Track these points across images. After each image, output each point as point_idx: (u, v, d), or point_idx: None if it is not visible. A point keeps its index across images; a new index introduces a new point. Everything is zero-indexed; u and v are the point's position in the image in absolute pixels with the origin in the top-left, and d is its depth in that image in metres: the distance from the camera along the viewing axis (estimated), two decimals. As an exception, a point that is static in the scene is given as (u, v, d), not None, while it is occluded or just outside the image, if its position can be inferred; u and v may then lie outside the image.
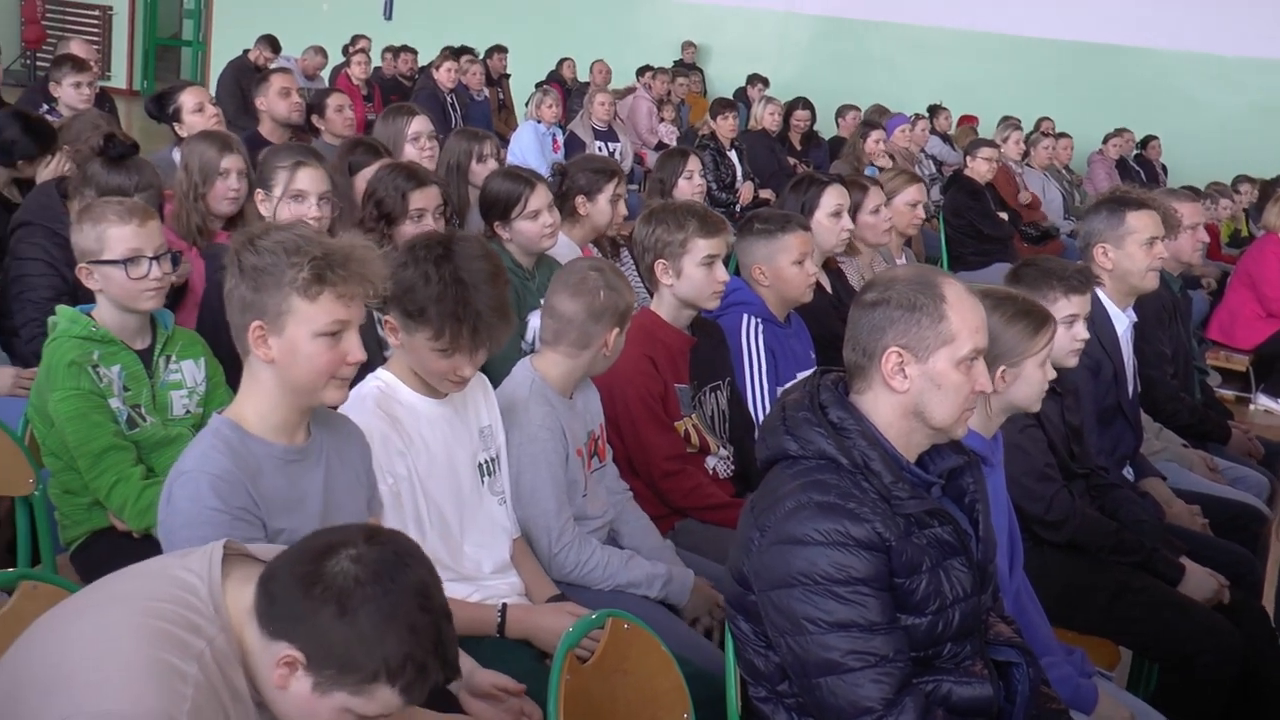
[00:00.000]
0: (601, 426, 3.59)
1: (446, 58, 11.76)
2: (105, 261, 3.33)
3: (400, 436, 2.95)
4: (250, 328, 2.47)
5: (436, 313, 2.86)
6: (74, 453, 3.28)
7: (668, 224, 3.96)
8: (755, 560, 2.51)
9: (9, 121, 5.16)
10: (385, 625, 1.84)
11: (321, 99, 7.10)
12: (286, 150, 4.32)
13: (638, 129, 12.28)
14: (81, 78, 6.73)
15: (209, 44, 19.89)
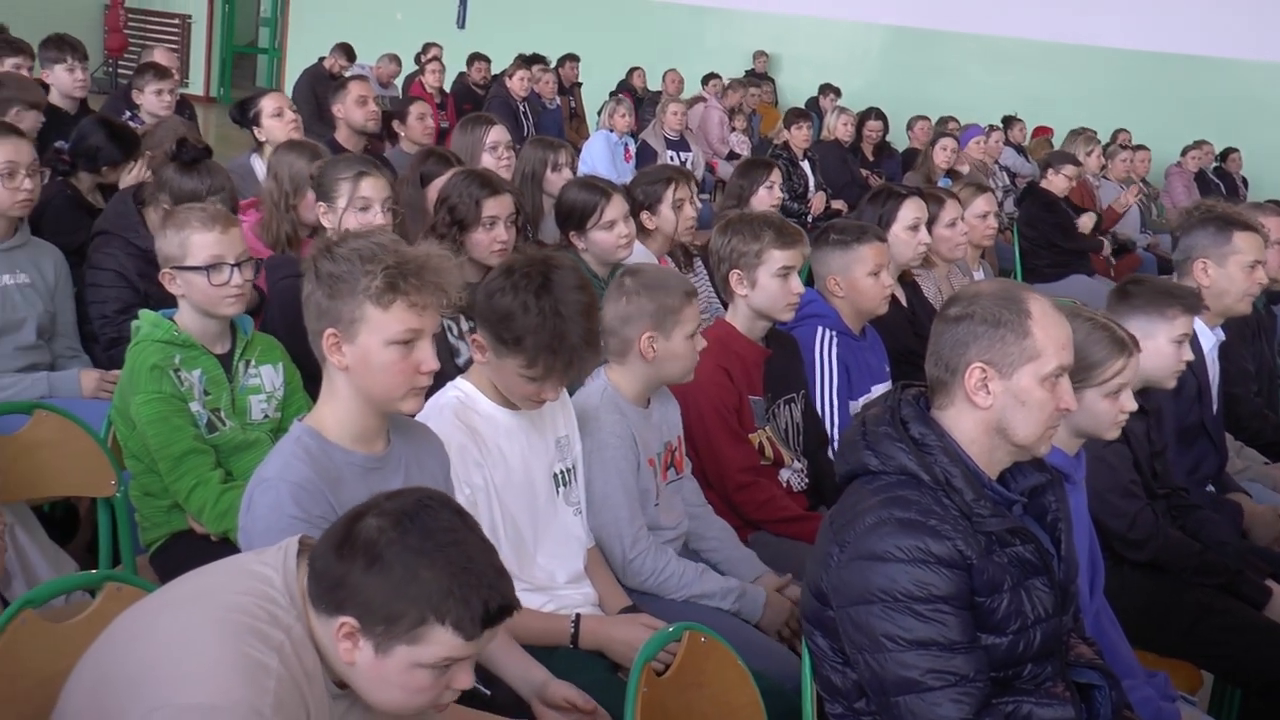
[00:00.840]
0: (679, 439, 3.57)
1: (519, 66, 11.81)
2: (188, 267, 3.37)
3: (478, 447, 2.96)
4: (325, 335, 2.49)
5: (533, 344, 2.86)
6: (155, 456, 3.32)
7: (744, 234, 3.94)
8: (834, 576, 2.49)
9: (94, 128, 5.25)
10: (415, 565, 1.87)
11: (404, 106, 7.15)
12: (344, 162, 4.35)
13: (709, 138, 12.27)
14: (163, 85, 6.83)
15: (284, 51, 20.14)
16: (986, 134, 10.93)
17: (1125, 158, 11.16)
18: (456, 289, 2.53)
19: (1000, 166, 11.51)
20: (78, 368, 4.20)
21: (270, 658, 1.91)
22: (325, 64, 12.97)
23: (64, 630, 2.37)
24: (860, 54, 16.74)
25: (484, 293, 2.96)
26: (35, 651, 2.31)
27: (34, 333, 4.10)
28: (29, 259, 4.15)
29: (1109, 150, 11.33)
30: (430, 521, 1.92)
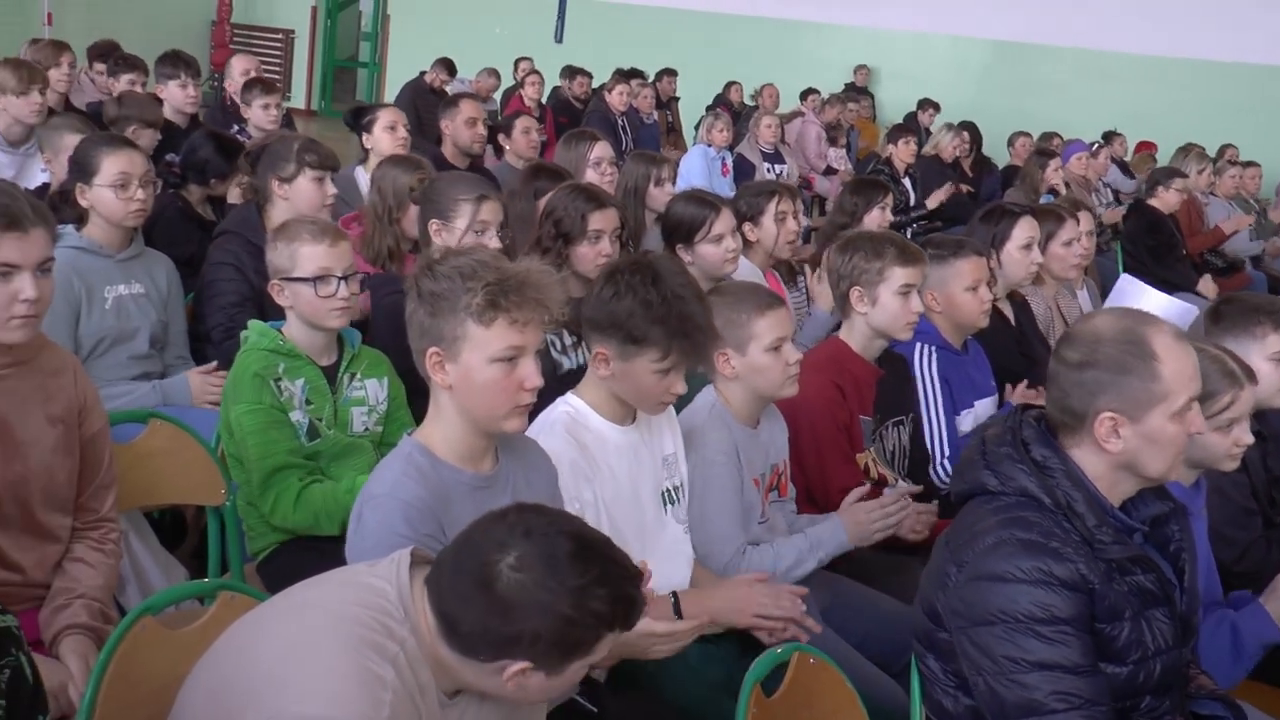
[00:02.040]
0: (785, 462, 3.55)
1: (618, 81, 11.86)
2: (296, 279, 3.41)
3: (588, 463, 2.95)
4: (428, 353, 2.49)
5: (662, 334, 2.86)
6: (250, 465, 3.36)
7: (865, 251, 3.90)
8: (951, 596, 2.45)
9: (203, 141, 5.36)
10: (583, 596, 1.89)
11: (510, 121, 7.20)
12: (465, 182, 4.34)
13: (806, 153, 12.21)
14: (270, 100, 6.96)
15: (384, 66, 20.41)
16: (1093, 151, 10.72)
17: (1234, 174, 10.90)
18: (558, 305, 2.52)
19: (1104, 184, 11.31)
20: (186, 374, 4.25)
21: (385, 670, 1.92)
22: (426, 78, 13.11)
23: (180, 637, 2.41)
24: (960, 69, 16.59)
25: (596, 303, 2.96)
26: (153, 657, 2.35)
27: (147, 342, 4.17)
28: (144, 269, 4.23)
29: (1218, 167, 11.09)
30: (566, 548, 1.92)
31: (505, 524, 1.95)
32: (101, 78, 8.19)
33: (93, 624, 2.72)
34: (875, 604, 3.45)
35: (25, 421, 2.76)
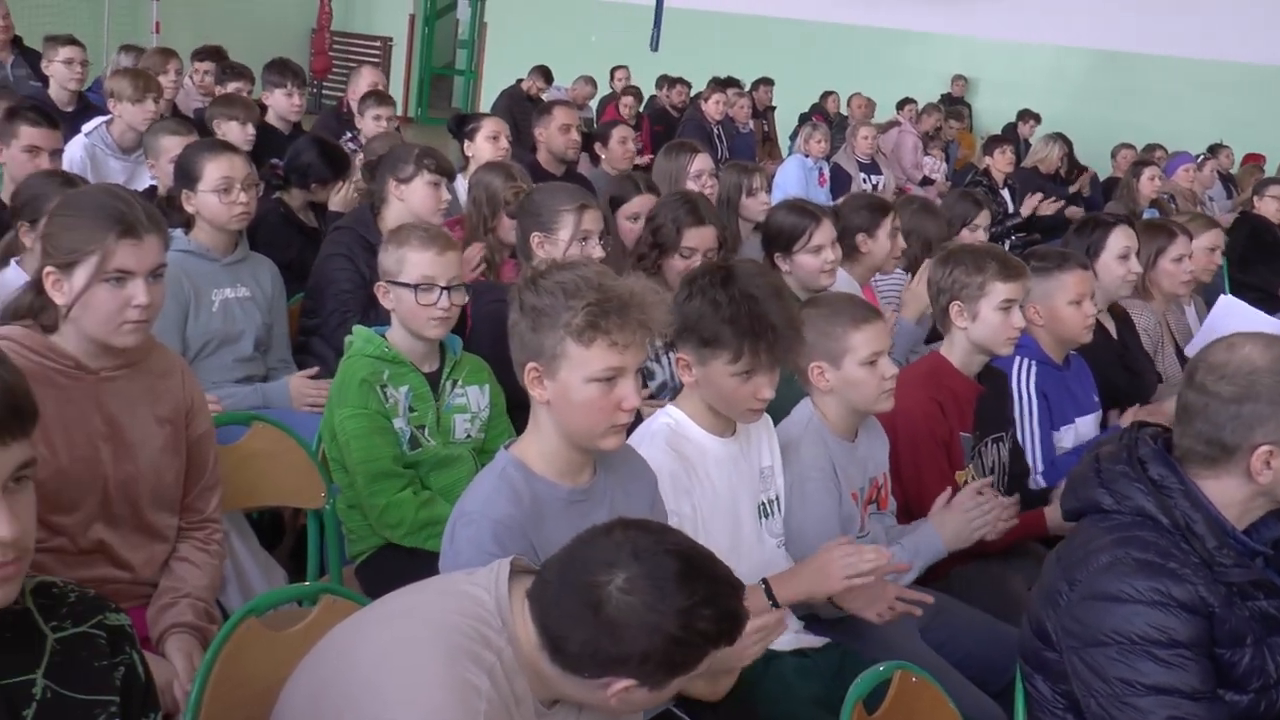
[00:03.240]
0: (885, 476, 3.50)
1: (714, 90, 11.85)
2: (400, 283, 3.43)
3: (688, 475, 2.93)
4: (527, 368, 2.47)
5: (733, 333, 2.83)
6: (354, 470, 3.38)
7: (965, 265, 3.84)
8: (1063, 615, 2.40)
9: (308, 146, 5.45)
10: (690, 617, 1.88)
11: (607, 130, 7.21)
12: (564, 192, 4.34)
13: (902, 163, 12.12)
14: (382, 111, 7.09)
15: (480, 73, 20.59)
16: (1199, 163, 10.49)
17: (1345, 186, 10.59)
18: (662, 325, 2.49)
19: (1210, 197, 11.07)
20: (288, 378, 4.31)
21: (482, 679, 1.92)
22: (523, 86, 13.22)
23: (283, 638, 2.44)
24: (1060, 78, 16.34)
25: (673, 309, 2.93)
26: (256, 658, 2.38)
27: (252, 344, 4.24)
28: (249, 272, 4.30)
29: (1328, 178, 10.78)
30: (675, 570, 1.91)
31: (612, 542, 1.94)
32: (205, 79, 8.34)
33: (197, 623, 2.76)
34: (975, 622, 3.40)
35: (135, 422, 2.81)
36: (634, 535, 1.95)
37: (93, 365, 2.74)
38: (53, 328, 2.73)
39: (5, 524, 1.56)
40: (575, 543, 2.00)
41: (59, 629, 1.77)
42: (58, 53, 6.96)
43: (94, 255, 2.63)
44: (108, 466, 2.76)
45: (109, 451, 2.76)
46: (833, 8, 17.20)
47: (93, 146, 6.15)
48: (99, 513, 2.77)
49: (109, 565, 2.80)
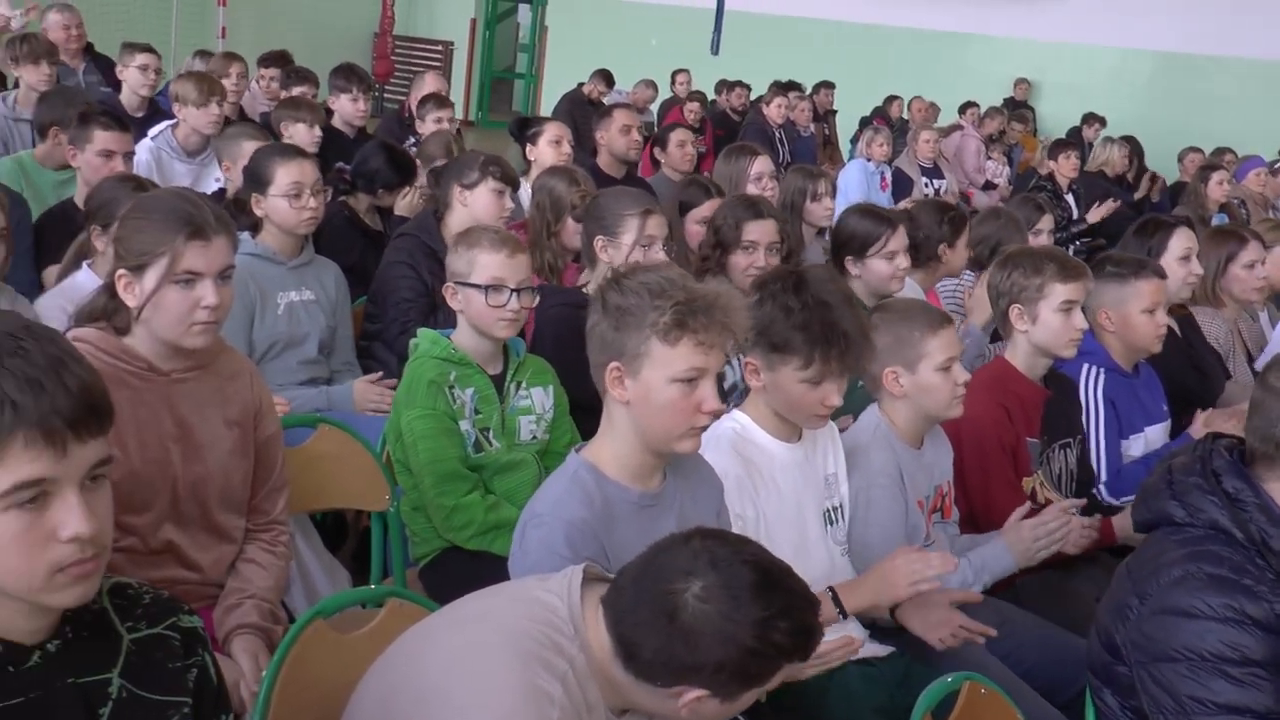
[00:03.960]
0: (949, 483, 3.47)
1: (776, 93, 11.81)
2: (470, 284, 3.44)
3: (753, 479, 2.92)
4: (608, 367, 2.47)
5: (804, 340, 2.83)
6: (421, 471, 3.39)
7: (1024, 268, 3.81)
8: (1133, 629, 2.36)
9: (376, 152, 5.49)
10: (765, 629, 1.87)
11: (665, 134, 7.21)
12: (628, 197, 4.33)
13: (965, 167, 12.02)
14: (443, 114, 7.13)
15: (541, 77, 20.68)
16: (1272, 168, 10.30)
17: None
18: (744, 329, 2.50)
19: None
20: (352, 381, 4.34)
21: (554, 686, 1.92)
22: (584, 89, 13.24)
23: (349, 641, 2.44)
24: (1125, 81, 16.16)
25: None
26: (323, 660, 2.39)
27: (316, 347, 4.27)
28: (314, 276, 4.33)
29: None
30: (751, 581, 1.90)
31: (689, 550, 1.93)
32: (270, 84, 8.43)
33: (263, 624, 2.78)
34: (1043, 634, 3.35)
35: (204, 424, 2.83)
36: (712, 544, 1.94)
37: (164, 367, 2.77)
38: (125, 330, 2.77)
39: (83, 521, 1.57)
40: (652, 550, 1.99)
41: (134, 629, 1.79)
42: (134, 59, 7.05)
43: (164, 257, 2.67)
44: (178, 468, 2.78)
45: (179, 453, 2.79)
46: (893, 10, 17.12)
47: (158, 150, 6.22)
48: (169, 513, 2.79)
49: (178, 566, 2.82)
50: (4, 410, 1.52)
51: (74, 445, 1.56)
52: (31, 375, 1.54)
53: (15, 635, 1.64)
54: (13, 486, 1.53)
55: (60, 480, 1.57)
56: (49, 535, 1.57)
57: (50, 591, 1.60)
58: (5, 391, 1.52)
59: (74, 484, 1.58)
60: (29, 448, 1.53)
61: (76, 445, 1.56)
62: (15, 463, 1.53)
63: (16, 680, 1.63)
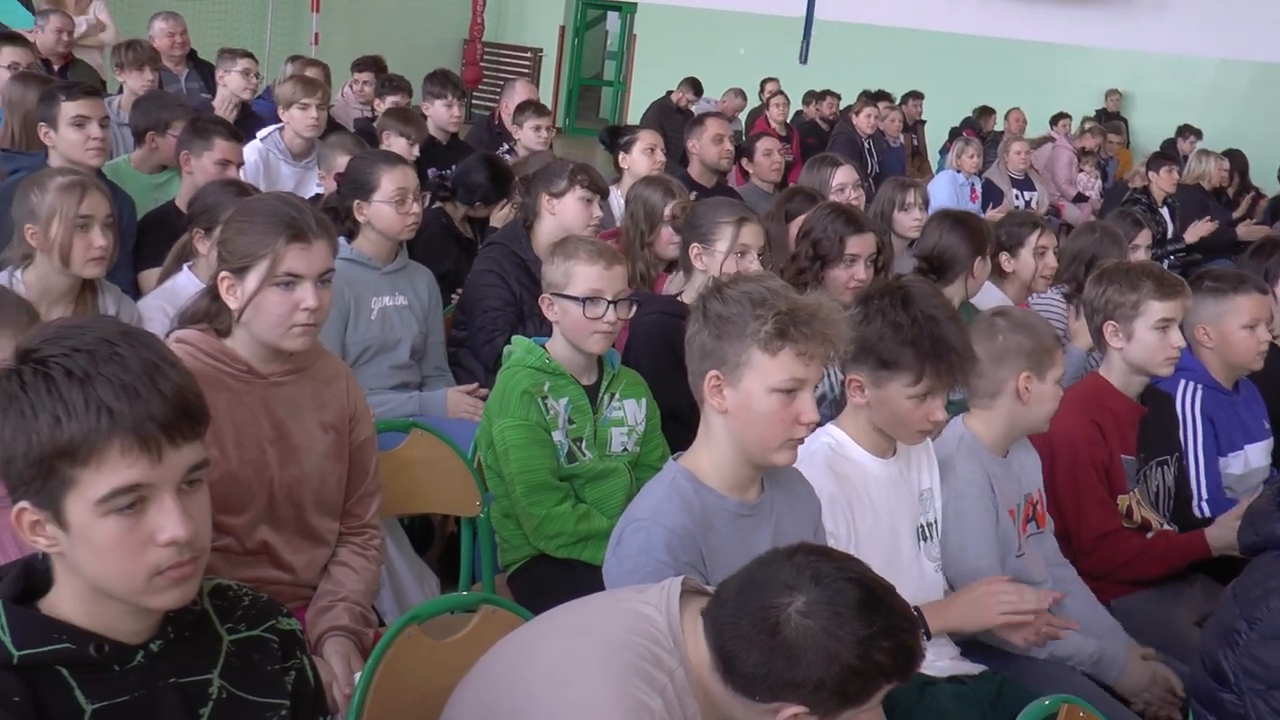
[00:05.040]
0: (1040, 491, 3.43)
1: (865, 103, 11.72)
2: (566, 295, 3.45)
3: (846, 496, 2.89)
4: (707, 376, 2.47)
5: (914, 356, 2.82)
6: (512, 480, 3.40)
7: (1120, 284, 3.76)
8: (1243, 655, 2.32)
9: (479, 165, 5.55)
10: (868, 647, 1.84)
11: (752, 144, 7.18)
12: (725, 206, 4.33)
13: (1056, 179, 11.85)
14: (541, 122, 7.16)
15: (629, 85, 20.71)
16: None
17: None
18: (844, 340, 2.48)
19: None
20: (444, 387, 4.37)
21: (654, 700, 1.91)
22: (673, 98, 13.24)
23: (442, 647, 2.46)
24: (1222, 93, 15.84)
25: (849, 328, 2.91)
26: (416, 665, 2.40)
27: (408, 352, 4.30)
28: (407, 281, 4.36)
29: None
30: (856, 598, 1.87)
31: (793, 565, 1.92)
32: (364, 89, 8.53)
33: (354, 627, 2.80)
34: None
35: (301, 427, 2.86)
36: (816, 560, 1.93)
37: (263, 370, 2.81)
38: (226, 332, 2.81)
39: (180, 525, 1.59)
40: (755, 564, 1.98)
41: (234, 631, 1.81)
42: (235, 64, 7.18)
43: (265, 259, 2.70)
44: (274, 469, 2.82)
45: (276, 455, 2.82)
46: (983, 20, 16.96)
47: (266, 151, 6.33)
48: (265, 515, 2.83)
49: (272, 567, 2.86)
50: (101, 417, 1.54)
51: (169, 450, 1.58)
52: (127, 381, 1.56)
53: (120, 635, 1.66)
54: (111, 492, 1.55)
55: (157, 485, 1.59)
56: (147, 539, 1.59)
57: (150, 594, 1.63)
58: (101, 398, 1.54)
59: (170, 488, 1.60)
60: (125, 454, 1.55)
61: (172, 450, 1.58)
62: (112, 469, 1.55)
63: (122, 679, 1.66)
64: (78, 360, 1.56)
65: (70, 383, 1.54)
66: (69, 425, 1.53)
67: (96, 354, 1.56)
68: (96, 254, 3.64)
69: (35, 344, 1.59)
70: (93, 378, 1.55)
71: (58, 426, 1.53)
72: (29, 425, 1.54)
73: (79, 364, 1.55)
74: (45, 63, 7.21)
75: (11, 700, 1.56)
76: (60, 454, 1.54)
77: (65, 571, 1.64)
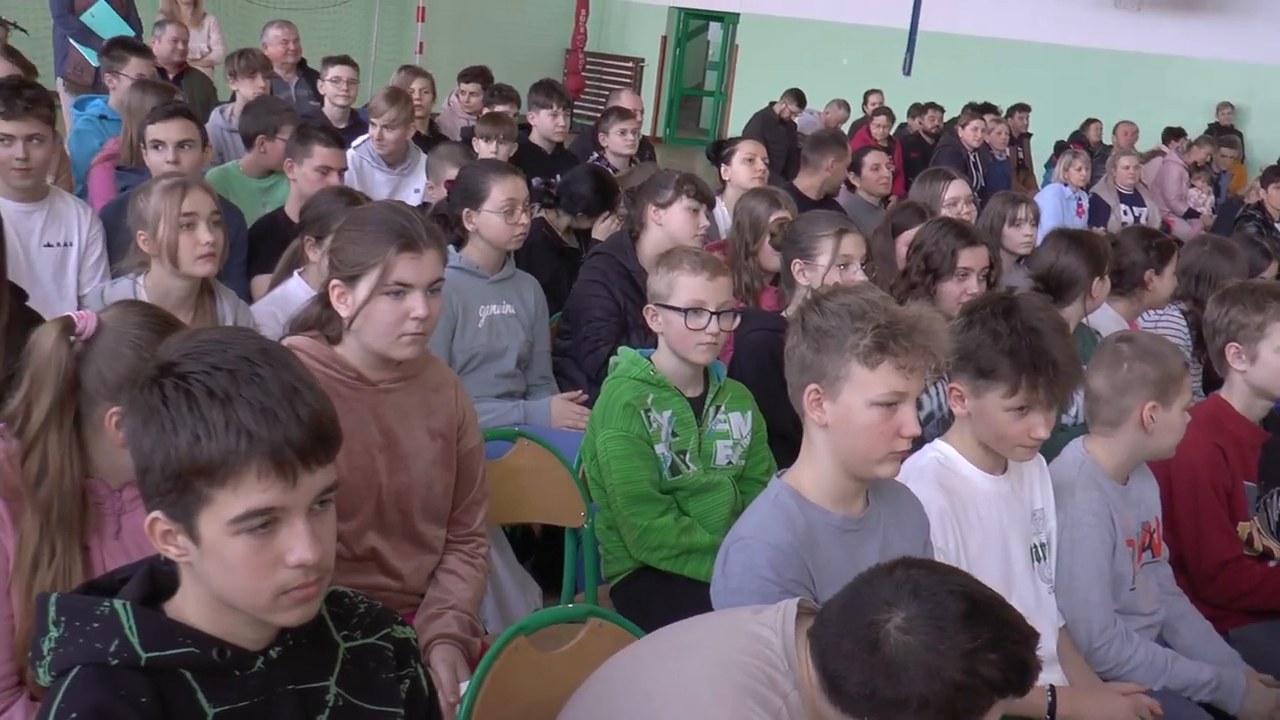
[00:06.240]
0: (1157, 519, 3.35)
1: (971, 116, 11.57)
2: (669, 306, 3.43)
3: (956, 512, 2.85)
4: (806, 390, 2.45)
5: (1011, 366, 2.77)
6: (613, 491, 3.40)
7: (1244, 305, 3.66)
8: None
9: (585, 177, 5.58)
10: (974, 661, 1.79)
11: (859, 157, 7.13)
12: (823, 218, 4.30)
13: (1166, 195, 11.62)
14: (626, 125, 7.16)
15: (729, 95, 20.70)
16: None
17: None
18: (945, 353, 2.46)
19: None
20: (549, 396, 4.38)
21: None
22: (776, 109, 13.19)
23: (549, 659, 2.45)
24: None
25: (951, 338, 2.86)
26: (524, 677, 2.40)
27: (514, 361, 4.31)
28: (514, 290, 4.38)
29: None
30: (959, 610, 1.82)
31: (893, 580, 1.88)
32: (470, 99, 8.60)
33: (463, 635, 2.80)
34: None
35: (410, 434, 2.88)
36: (916, 574, 1.88)
37: (372, 377, 2.83)
38: (337, 339, 2.83)
39: (309, 549, 1.60)
40: (857, 581, 1.95)
41: (350, 639, 1.82)
42: (329, 71, 7.29)
43: (376, 268, 2.71)
44: (383, 476, 2.84)
45: (384, 461, 2.84)
46: (1089, 31, 16.69)
47: (360, 159, 6.39)
48: (373, 521, 2.85)
49: (380, 573, 2.87)
50: (240, 439, 1.54)
51: (303, 475, 1.59)
52: (266, 405, 1.56)
53: (241, 641, 1.68)
54: (245, 514, 1.56)
55: (289, 508, 1.59)
56: (276, 560, 1.60)
57: (274, 611, 1.64)
58: (241, 420, 1.55)
59: (302, 511, 1.60)
60: (261, 478, 1.56)
61: (306, 474, 1.59)
62: (248, 492, 1.56)
63: (242, 684, 1.67)
64: (219, 379, 1.56)
65: (211, 402, 1.55)
66: (208, 445, 1.54)
67: (238, 374, 1.57)
68: (204, 250, 3.61)
69: (176, 357, 1.60)
70: (233, 399, 1.55)
71: (197, 445, 1.54)
72: (168, 440, 1.55)
73: (220, 383, 1.56)
74: (161, 71, 7.35)
75: (139, 701, 1.58)
76: (198, 472, 1.55)
77: (191, 579, 1.66)
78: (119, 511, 2.31)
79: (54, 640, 1.62)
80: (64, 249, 4.45)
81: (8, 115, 4.18)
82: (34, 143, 4.22)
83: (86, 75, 8.40)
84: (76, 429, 2.24)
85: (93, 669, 1.60)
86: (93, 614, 1.62)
